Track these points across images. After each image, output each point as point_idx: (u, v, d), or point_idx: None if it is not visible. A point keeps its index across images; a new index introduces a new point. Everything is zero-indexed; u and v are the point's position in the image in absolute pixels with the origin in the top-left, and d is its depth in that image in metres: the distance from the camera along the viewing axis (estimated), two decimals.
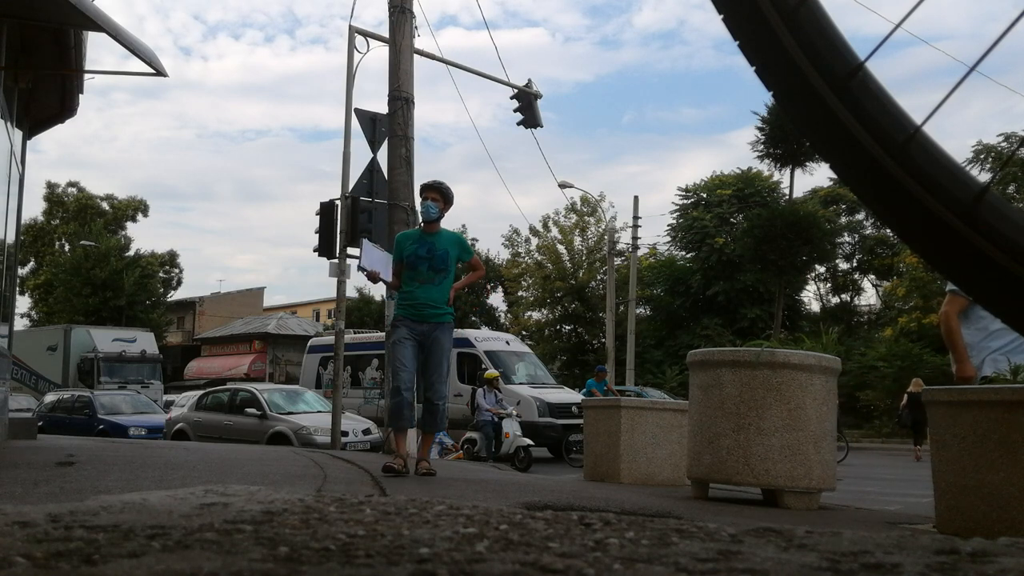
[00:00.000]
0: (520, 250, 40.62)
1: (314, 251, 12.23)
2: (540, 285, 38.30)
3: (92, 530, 1.06)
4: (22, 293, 40.41)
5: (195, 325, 48.68)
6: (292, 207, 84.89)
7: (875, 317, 35.24)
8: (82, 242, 37.62)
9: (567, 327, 38.81)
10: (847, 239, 35.09)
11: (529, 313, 40.07)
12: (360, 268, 5.60)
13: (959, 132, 53.57)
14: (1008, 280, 1.10)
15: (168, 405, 22.10)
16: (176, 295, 46.68)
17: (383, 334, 10.44)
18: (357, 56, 12.15)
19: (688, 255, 35.12)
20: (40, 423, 13.51)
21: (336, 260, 12.20)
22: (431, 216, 5.56)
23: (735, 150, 69.37)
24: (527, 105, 14.19)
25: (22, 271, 40.23)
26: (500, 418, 13.38)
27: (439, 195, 5.61)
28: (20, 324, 37.07)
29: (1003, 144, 28.15)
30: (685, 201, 35.48)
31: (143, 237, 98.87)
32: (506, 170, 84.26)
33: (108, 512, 1.20)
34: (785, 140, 29.54)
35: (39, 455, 5.58)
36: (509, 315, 42.07)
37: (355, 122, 11.88)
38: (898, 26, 1.11)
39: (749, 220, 30.97)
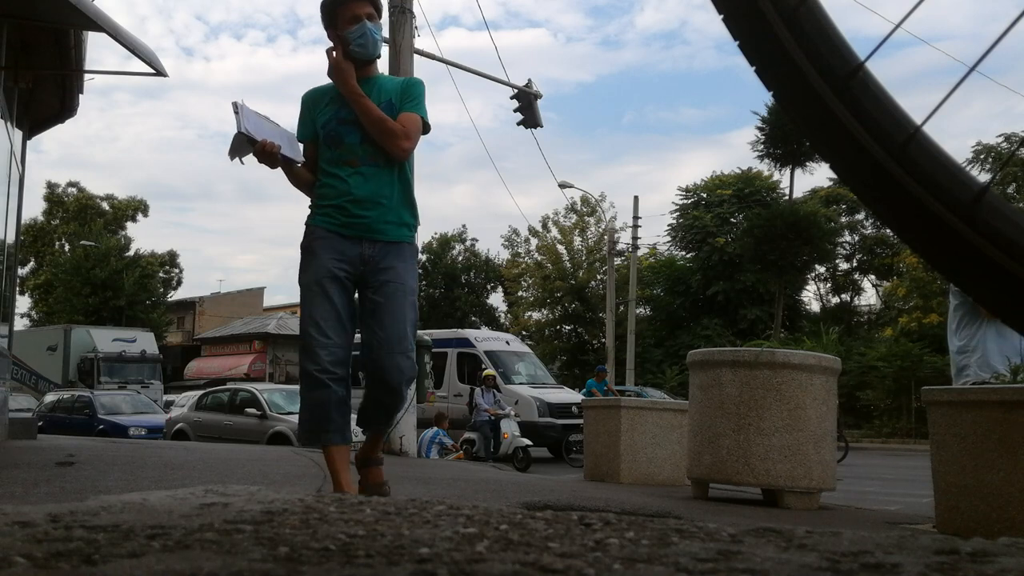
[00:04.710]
0: (520, 250, 40.72)
1: None
2: (540, 285, 38.36)
3: (92, 530, 1.06)
4: (22, 293, 40.44)
5: (195, 325, 48.68)
6: (293, 207, 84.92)
7: (875, 317, 35.26)
8: (82, 242, 37.65)
9: (567, 327, 38.86)
10: (847, 239, 35.12)
11: (529, 313, 40.12)
12: (242, 134, 3.08)
13: (959, 132, 53.52)
14: (1008, 280, 1.10)
15: (168, 405, 22.11)
16: (176, 295, 46.77)
17: None
18: None
19: (688, 255, 35.17)
20: (40, 423, 13.51)
21: None
22: (371, 52, 3.20)
23: (735, 150, 69.36)
24: (527, 105, 14.20)
25: (22, 271, 40.25)
26: (498, 418, 13.38)
27: (375, 9, 3.26)
28: (20, 324, 37.11)
29: (1003, 144, 28.17)
30: (685, 201, 35.53)
31: (143, 237, 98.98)
32: (506, 170, 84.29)
33: (108, 512, 1.20)
34: (785, 140, 29.58)
35: (39, 455, 5.57)
36: (509, 315, 42.13)
37: None
38: (898, 26, 1.11)
39: (749, 220, 30.99)
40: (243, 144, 3.06)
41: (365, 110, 3.09)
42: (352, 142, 3.15)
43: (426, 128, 3.22)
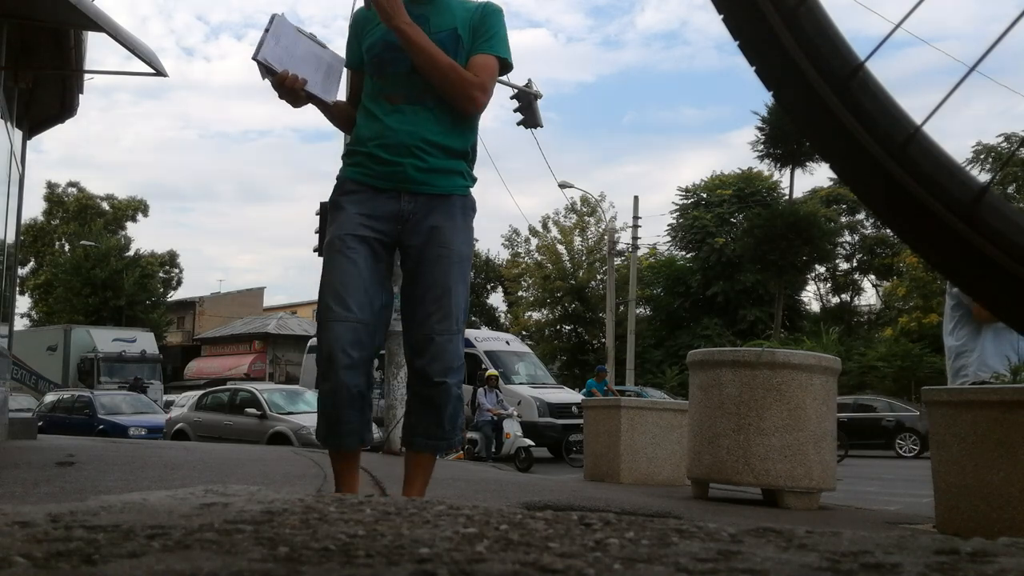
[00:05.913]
0: (520, 250, 40.73)
1: (314, 251, 12.19)
2: (540, 285, 38.37)
3: (92, 530, 1.06)
4: (22, 293, 40.45)
5: (195, 325, 48.69)
6: (293, 207, 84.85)
7: (875, 317, 35.29)
8: (82, 242, 37.68)
9: (567, 327, 38.87)
10: (847, 239, 35.15)
11: (529, 313, 40.13)
12: (256, 59, 2.41)
13: (959, 132, 53.44)
14: (1008, 280, 1.10)
15: (168, 405, 22.12)
16: (176, 295, 46.80)
17: None
18: None
19: (688, 255, 35.19)
20: (40, 423, 13.53)
21: None
22: None
23: (735, 150, 69.35)
24: (527, 105, 14.22)
25: (22, 271, 40.26)
26: (500, 418, 13.39)
27: None
28: (20, 324, 37.10)
29: (1003, 144, 28.20)
30: (685, 201, 35.58)
31: (143, 237, 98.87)
32: (506, 170, 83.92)
33: (108, 512, 1.20)
34: (785, 140, 29.64)
35: (39, 455, 5.58)
36: (509, 315, 42.13)
37: None
38: (898, 26, 1.11)
39: (749, 220, 31.04)
40: (268, 70, 2.46)
41: (426, 54, 2.39)
42: (398, 71, 2.49)
43: (506, 67, 2.59)
